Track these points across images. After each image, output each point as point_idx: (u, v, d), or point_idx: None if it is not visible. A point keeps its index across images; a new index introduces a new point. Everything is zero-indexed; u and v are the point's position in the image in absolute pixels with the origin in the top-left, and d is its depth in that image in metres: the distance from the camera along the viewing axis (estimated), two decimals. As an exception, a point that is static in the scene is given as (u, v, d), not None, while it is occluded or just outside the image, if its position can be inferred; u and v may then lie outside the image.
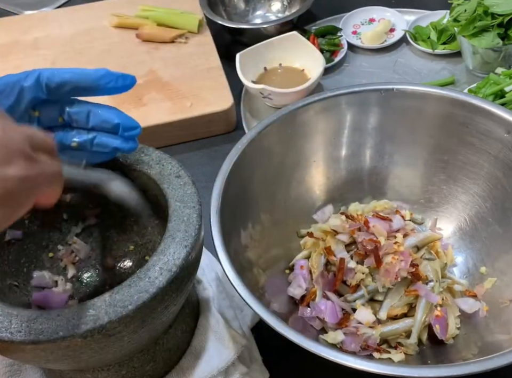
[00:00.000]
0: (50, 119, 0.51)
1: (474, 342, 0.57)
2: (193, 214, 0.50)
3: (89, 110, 0.51)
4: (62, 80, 0.49)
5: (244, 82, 0.88)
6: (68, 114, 0.51)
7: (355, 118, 0.70)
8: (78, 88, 0.50)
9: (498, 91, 0.81)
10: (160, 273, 0.46)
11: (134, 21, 1.05)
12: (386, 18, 1.04)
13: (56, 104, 0.51)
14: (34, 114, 0.50)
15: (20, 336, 0.43)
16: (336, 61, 0.97)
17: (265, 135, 0.65)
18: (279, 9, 1.11)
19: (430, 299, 0.59)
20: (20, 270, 0.58)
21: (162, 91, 0.92)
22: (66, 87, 0.49)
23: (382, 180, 0.72)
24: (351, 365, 0.47)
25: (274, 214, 0.67)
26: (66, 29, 1.07)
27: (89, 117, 0.51)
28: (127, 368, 0.55)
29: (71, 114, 0.51)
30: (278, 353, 0.61)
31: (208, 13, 1.03)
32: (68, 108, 0.51)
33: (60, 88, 0.49)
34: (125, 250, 0.63)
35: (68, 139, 0.52)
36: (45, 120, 0.51)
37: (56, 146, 0.42)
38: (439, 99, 0.66)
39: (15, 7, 1.24)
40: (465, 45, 0.89)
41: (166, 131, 0.87)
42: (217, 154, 0.86)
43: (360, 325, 0.58)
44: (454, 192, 0.68)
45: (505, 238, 0.62)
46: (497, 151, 0.63)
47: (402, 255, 0.60)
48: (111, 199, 0.50)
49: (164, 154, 0.56)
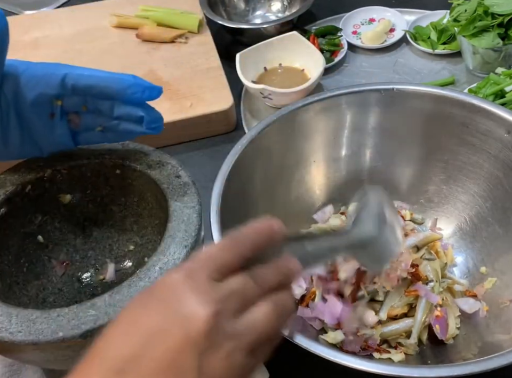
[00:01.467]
0: (73, 107, 0.53)
1: (474, 342, 0.57)
2: (193, 214, 0.50)
3: (114, 102, 0.52)
4: (89, 84, 0.50)
5: (244, 82, 0.88)
6: (92, 105, 0.52)
7: (355, 118, 0.69)
8: (104, 93, 0.51)
9: (499, 91, 0.81)
10: (160, 273, 0.46)
11: (134, 21, 1.05)
12: (386, 18, 1.04)
13: (80, 97, 0.52)
14: (57, 103, 0.52)
15: (20, 336, 0.43)
16: (336, 61, 0.97)
17: (265, 135, 0.65)
18: (279, 9, 1.11)
19: (430, 299, 0.59)
20: (20, 270, 0.58)
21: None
22: (92, 91, 0.51)
23: (382, 180, 0.72)
24: (351, 365, 0.47)
25: (274, 214, 0.66)
26: (66, 29, 1.07)
27: (113, 109, 0.52)
28: (127, 368, 0.55)
29: (96, 105, 0.52)
30: (278, 353, 0.61)
31: (208, 13, 1.03)
32: (90, 101, 0.52)
33: (85, 91, 0.51)
34: (125, 250, 0.63)
35: (94, 123, 0.53)
36: (68, 107, 0.53)
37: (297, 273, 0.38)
38: (439, 99, 0.66)
39: (15, 7, 1.24)
40: (465, 45, 0.89)
41: (166, 131, 0.86)
42: (217, 154, 0.86)
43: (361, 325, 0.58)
44: (454, 192, 0.68)
45: (505, 238, 0.62)
46: (497, 151, 0.63)
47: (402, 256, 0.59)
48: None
49: (164, 154, 0.56)
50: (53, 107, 0.52)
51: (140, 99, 0.51)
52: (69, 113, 0.53)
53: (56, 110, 0.52)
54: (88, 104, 0.52)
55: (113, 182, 0.59)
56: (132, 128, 0.53)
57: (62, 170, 0.57)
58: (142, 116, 0.52)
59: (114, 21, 1.05)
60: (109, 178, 0.59)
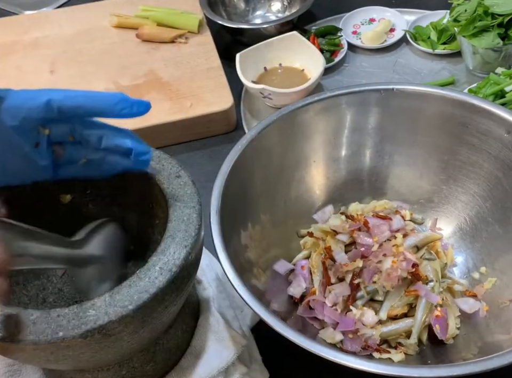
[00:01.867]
0: (60, 137, 0.50)
1: (474, 342, 0.57)
2: (193, 214, 0.50)
3: (103, 133, 0.50)
4: (76, 105, 0.48)
5: (244, 82, 0.88)
6: (80, 135, 0.50)
7: (355, 118, 0.69)
8: (92, 112, 0.49)
9: (499, 91, 0.81)
10: (160, 273, 0.46)
11: (134, 21, 1.05)
12: (386, 18, 1.04)
13: (67, 124, 0.50)
14: (44, 132, 0.49)
15: (20, 336, 0.43)
16: (336, 61, 0.97)
17: (265, 135, 0.65)
18: (279, 9, 1.11)
19: (430, 299, 0.59)
20: (20, 270, 0.57)
21: (162, 91, 0.92)
22: (79, 111, 0.48)
23: (382, 180, 0.72)
24: (351, 365, 0.47)
25: (274, 214, 0.67)
26: (66, 29, 1.07)
27: (101, 139, 0.50)
28: (127, 368, 0.55)
29: (83, 135, 0.50)
30: (278, 353, 0.61)
31: (208, 13, 1.03)
32: (80, 130, 0.50)
33: (73, 112, 0.48)
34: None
35: (78, 156, 0.51)
36: (54, 137, 0.50)
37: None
38: (439, 99, 0.66)
39: (15, 7, 1.24)
40: (465, 45, 0.89)
41: (166, 131, 0.87)
42: (217, 154, 0.86)
43: (361, 325, 0.58)
44: (454, 192, 0.68)
45: (505, 238, 0.62)
46: (497, 151, 0.63)
47: (404, 255, 0.60)
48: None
49: (164, 154, 0.56)
50: (39, 136, 0.49)
51: (130, 114, 0.49)
52: (54, 144, 0.51)
53: (42, 139, 0.49)
54: (76, 133, 0.50)
55: (113, 182, 0.59)
56: (118, 161, 0.51)
57: (62, 170, 0.57)
58: (131, 148, 0.50)
59: (114, 21, 1.05)
60: (109, 178, 0.59)
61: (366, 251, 0.61)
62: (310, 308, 0.62)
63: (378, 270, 0.59)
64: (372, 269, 0.59)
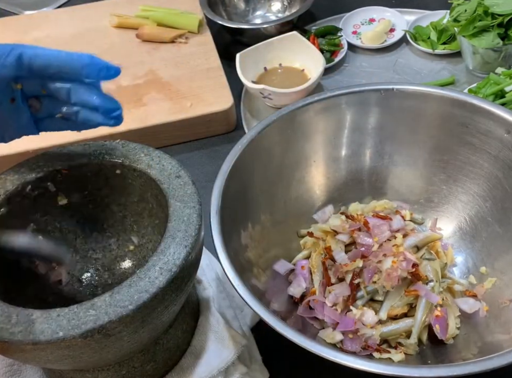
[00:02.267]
0: (33, 90, 0.51)
1: (474, 342, 0.57)
2: (193, 214, 0.50)
3: (70, 88, 0.50)
4: (45, 63, 0.48)
5: (244, 82, 0.88)
6: (49, 89, 0.51)
7: (355, 118, 0.70)
8: (61, 73, 0.49)
9: (499, 91, 0.81)
10: (160, 273, 0.46)
11: (134, 21, 1.05)
12: (386, 18, 1.04)
13: (38, 79, 0.50)
14: (16, 87, 0.50)
15: (20, 336, 0.43)
16: (336, 61, 0.97)
17: (265, 135, 0.65)
18: (279, 9, 1.11)
19: (430, 299, 0.59)
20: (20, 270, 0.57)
21: (162, 91, 0.92)
22: (48, 70, 0.49)
23: (382, 180, 0.72)
24: (351, 365, 0.47)
25: (274, 214, 0.67)
26: (66, 29, 1.07)
27: (70, 94, 0.50)
28: (127, 368, 0.55)
29: (52, 90, 0.51)
30: (278, 353, 0.61)
31: (208, 13, 1.03)
32: (48, 84, 0.50)
33: (42, 70, 0.49)
34: (125, 250, 0.63)
35: (54, 109, 0.52)
36: (28, 91, 0.51)
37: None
38: (439, 99, 0.66)
39: (15, 7, 1.24)
40: (465, 45, 0.89)
41: (166, 131, 0.87)
42: (217, 154, 0.86)
43: (361, 325, 0.58)
44: (454, 192, 0.68)
45: (505, 238, 0.62)
46: (497, 151, 0.63)
47: (404, 255, 0.60)
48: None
49: (164, 154, 0.56)
50: (13, 91, 0.50)
51: (97, 79, 0.49)
52: (29, 98, 0.52)
53: (17, 94, 0.50)
54: (47, 87, 0.51)
55: (113, 182, 0.59)
56: (91, 118, 0.51)
57: (62, 170, 0.57)
58: (98, 105, 0.50)
59: (114, 21, 1.06)
60: (109, 178, 0.59)
61: (366, 251, 0.61)
62: (310, 308, 0.62)
63: (378, 270, 0.59)
64: (371, 269, 0.59)
